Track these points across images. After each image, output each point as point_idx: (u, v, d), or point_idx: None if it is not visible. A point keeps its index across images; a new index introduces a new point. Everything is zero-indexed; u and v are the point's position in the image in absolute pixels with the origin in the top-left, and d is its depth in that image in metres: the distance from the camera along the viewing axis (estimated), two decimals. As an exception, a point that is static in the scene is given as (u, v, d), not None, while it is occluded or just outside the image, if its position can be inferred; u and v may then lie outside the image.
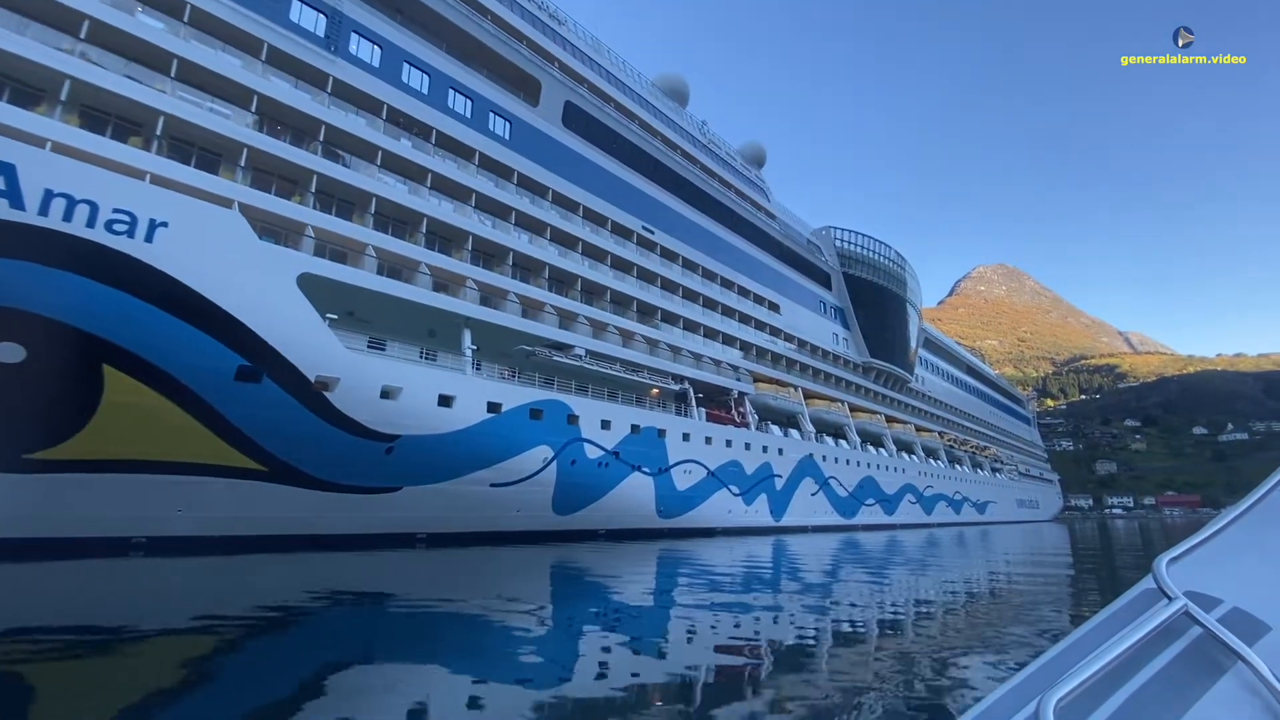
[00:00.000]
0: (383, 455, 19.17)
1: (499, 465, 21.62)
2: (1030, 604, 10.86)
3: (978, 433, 73.91)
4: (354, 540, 18.81)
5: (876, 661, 6.24)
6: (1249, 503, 1.29)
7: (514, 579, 13.50)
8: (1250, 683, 0.92)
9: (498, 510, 22.07)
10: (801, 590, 11.92)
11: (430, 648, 6.62)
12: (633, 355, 28.85)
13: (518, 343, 23.98)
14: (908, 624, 8.52)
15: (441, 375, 20.60)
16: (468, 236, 23.46)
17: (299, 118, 19.55)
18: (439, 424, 20.13)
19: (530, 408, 22.87)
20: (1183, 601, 1.03)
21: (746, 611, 9.08)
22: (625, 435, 26.43)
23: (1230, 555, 1.18)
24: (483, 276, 23.33)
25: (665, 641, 7.16)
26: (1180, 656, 0.99)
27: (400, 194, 21.50)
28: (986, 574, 15.96)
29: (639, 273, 31.35)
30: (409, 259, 21.30)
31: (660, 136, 35.25)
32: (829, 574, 15.17)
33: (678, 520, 28.56)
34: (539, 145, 27.19)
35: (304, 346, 17.30)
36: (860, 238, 53.97)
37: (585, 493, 24.57)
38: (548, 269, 26.30)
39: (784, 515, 35.57)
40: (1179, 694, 0.93)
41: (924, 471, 53.75)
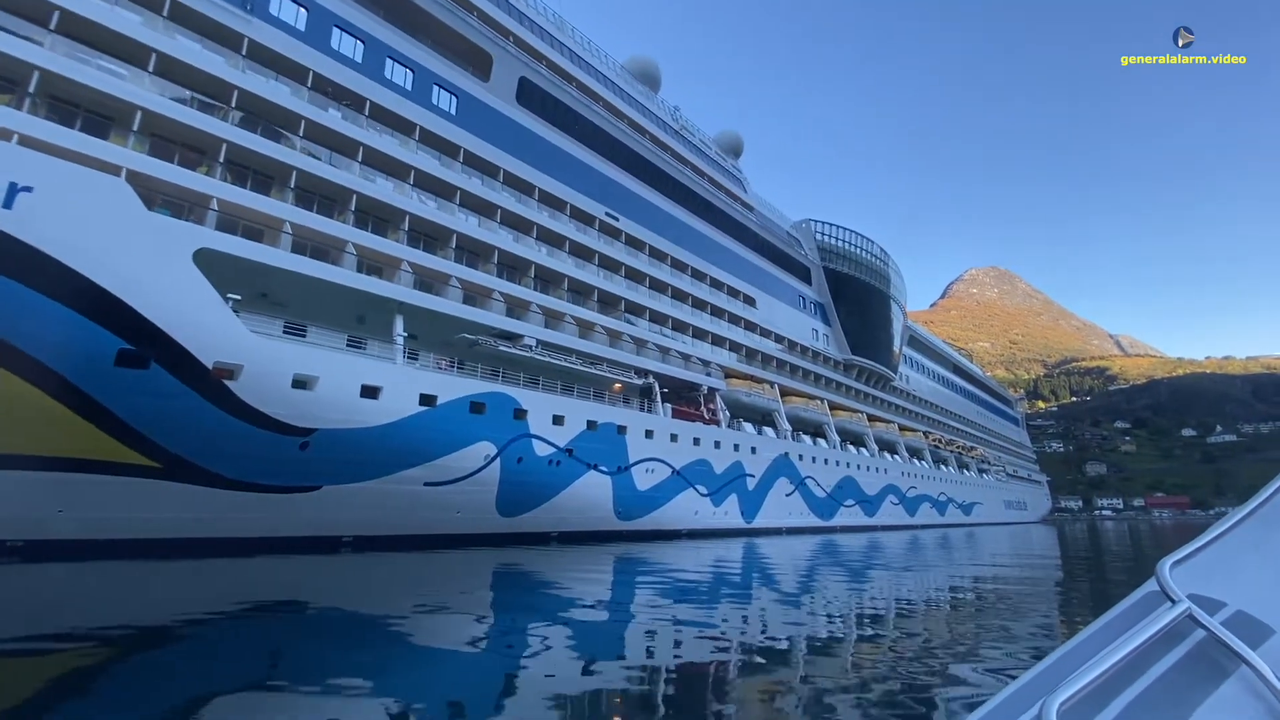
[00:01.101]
0: (297, 451, 17.47)
1: (433, 463, 19.95)
2: (1012, 612, 9.86)
3: (964, 433, 72.70)
4: (270, 544, 17.16)
5: (853, 682, 5.57)
6: (1253, 505, 1.26)
7: (444, 585, 12.54)
8: (1254, 686, 0.92)
9: (434, 511, 20.39)
10: (768, 597, 11.10)
11: (337, 665, 5.88)
12: (592, 347, 27.23)
13: (459, 331, 22.31)
14: (882, 638, 7.77)
15: (365, 364, 18.92)
16: (404, 216, 21.78)
17: (206, 81, 17.83)
18: (363, 417, 18.44)
19: (471, 400, 21.20)
20: (1186, 604, 1.02)
21: (704, 624, 8.35)
22: (580, 431, 24.80)
23: (1234, 558, 1.17)
24: (420, 259, 21.66)
25: (612, 653, 6.59)
26: (1184, 660, 0.98)
27: (325, 169, 19.80)
28: (965, 580, 14.92)
29: (601, 261, 29.75)
30: (334, 238, 19.62)
31: (627, 120, 33.66)
32: (800, 580, 14.26)
33: (639, 522, 26.94)
34: (490, 123, 25.55)
35: (200, 329, 15.59)
36: (842, 231, 52.56)
37: (534, 493, 22.92)
38: (497, 254, 24.65)
39: (756, 517, 34.02)
40: (1182, 697, 0.93)
41: (907, 472, 52.38)
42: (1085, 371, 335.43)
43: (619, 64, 36.67)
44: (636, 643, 7.13)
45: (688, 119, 39.98)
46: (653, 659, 6.43)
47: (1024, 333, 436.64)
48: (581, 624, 8.25)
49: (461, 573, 14.95)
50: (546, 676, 5.64)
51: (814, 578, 14.84)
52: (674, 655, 6.55)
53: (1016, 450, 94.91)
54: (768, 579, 14.44)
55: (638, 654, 6.66)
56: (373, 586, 12.14)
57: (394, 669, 5.71)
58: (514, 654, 6.49)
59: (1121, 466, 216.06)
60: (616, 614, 9.11)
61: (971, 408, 79.61)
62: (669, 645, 6.94)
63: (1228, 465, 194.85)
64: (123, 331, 14.51)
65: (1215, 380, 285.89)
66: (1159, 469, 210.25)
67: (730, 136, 46.13)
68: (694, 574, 14.90)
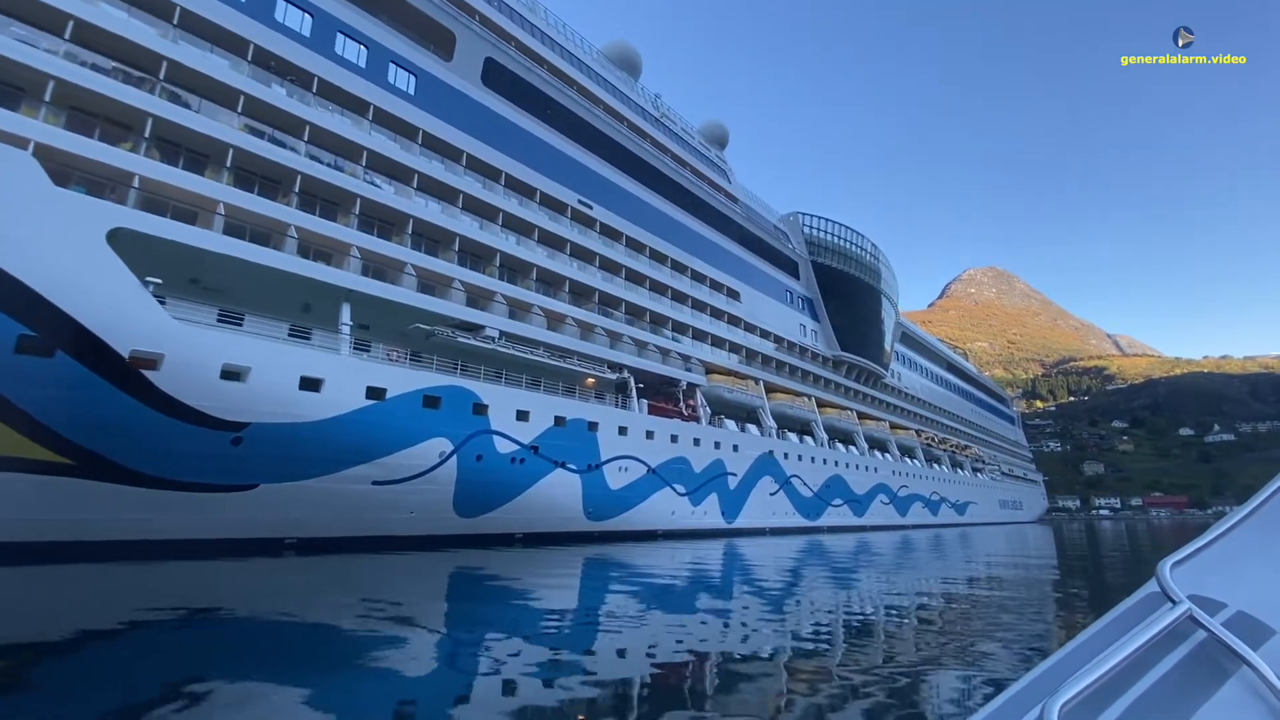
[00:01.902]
0: (229, 447, 16.29)
1: (382, 460, 18.76)
2: (1004, 618, 9.15)
3: (958, 431, 71.60)
4: (205, 546, 16.00)
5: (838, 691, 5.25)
6: (1253, 505, 1.25)
7: (391, 590, 11.67)
8: (1255, 686, 0.91)
9: (384, 511, 19.22)
10: (743, 602, 10.42)
11: (255, 685, 5.32)
12: (561, 340, 26.05)
13: (414, 321, 21.12)
14: (866, 646, 7.33)
15: (305, 354, 17.72)
16: (355, 200, 20.59)
17: (132, 50, 16.63)
18: (302, 411, 17.26)
19: (424, 394, 20.02)
20: (1187, 605, 1.02)
21: (675, 628, 7.83)
22: (547, 428, 23.62)
23: (1235, 559, 1.17)
24: (372, 245, 20.46)
25: (574, 667, 5.97)
26: (1184, 661, 0.98)
27: (267, 148, 18.61)
28: (957, 583, 14.14)
29: (574, 250, 28.57)
30: (275, 221, 18.43)
31: (603, 105, 32.48)
32: (779, 583, 13.48)
33: (611, 523, 25.77)
34: (452, 104, 24.36)
35: (114, 315, 14.39)
36: (831, 224, 51.38)
37: (495, 492, 21.74)
38: (459, 241, 23.46)
39: (738, 516, 32.86)
40: (1183, 698, 0.92)
41: (899, 471, 51.25)
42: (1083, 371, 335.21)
43: (596, 49, 35.50)
44: (602, 653, 6.59)
45: (669, 106, 38.80)
46: (619, 669, 5.96)
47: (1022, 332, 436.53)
48: (542, 632, 7.63)
49: (413, 576, 13.96)
50: (505, 694, 5.12)
51: (794, 581, 14.01)
52: (645, 665, 6.12)
53: (1012, 449, 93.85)
54: (744, 582, 13.65)
55: (603, 664, 6.17)
56: (311, 592, 11.27)
57: (325, 687, 5.16)
58: (465, 667, 5.95)
59: (1119, 466, 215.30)
60: (580, 620, 8.46)
61: (966, 406, 78.53)
62: (638, 654, 6.45)
63: (1225, 465, 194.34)
64: (22, 316, 13.32)
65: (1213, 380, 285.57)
66: (1157, 468, 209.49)
67: (715, 126, 44.92)
68: (666, 577, 14.06)
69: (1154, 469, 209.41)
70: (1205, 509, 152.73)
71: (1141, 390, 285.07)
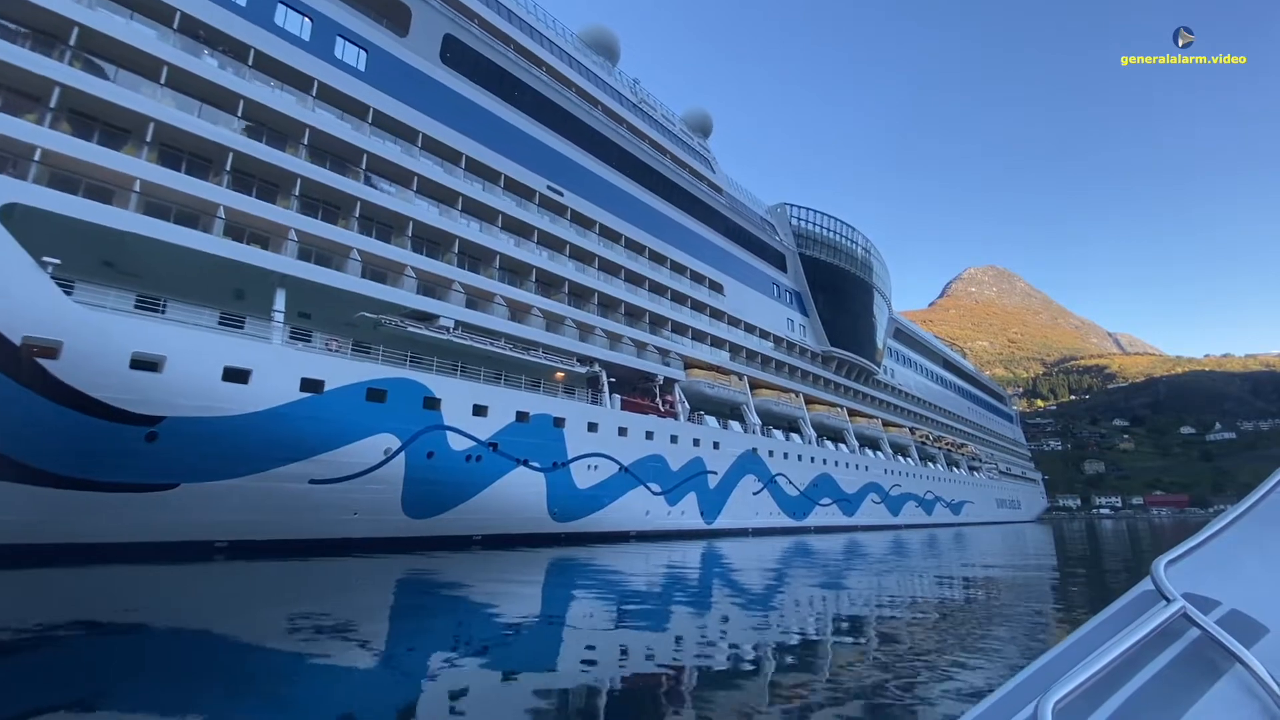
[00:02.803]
0: (143, 443, 15.02)
1: (319, 457, 17.49)
2: (995, 625, 8.46)
3: (954, 429, 70.24)
4: (126, 550, 14.75)
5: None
6: (1247, 504, 1.25)
7: (330, 597, 10.70)
8: (1248, 685, 0.91)
9: (325, 512, 17.94)
10: (719, 609, 9.65)
11: (167, 709, 4.73)
12: (525, 331, 24.76)
13: (360, 309, 19.83)
14: (851, 657, 6.62)
15: (229, 343, 16.43)
16: (295, 180, 19.30)
17: (37, 14, 15.36)
18: (227, 404, 15.98)
19: (368, 387, 18.74)
20: (1181, 603, 1.01)
21: (637, 635, 7.27)
22: (508, 424, 22.34)
23: (1229, 557, 1.17)
24: (312, 228, 19.17)
25: (529, 687, 5.38)
26: (1178, 659, 0.98)
27: (193, 123, 17.33)
28: (947, 586, 13.07)
29: (542, 238, 27.28)
30: (202, 201, 17.15)
31: (576, 89, 31.16)
32: (757, 587, 12.64)
33: (578, 524, 24.48)
34: (407, 82, 23.06)
35: (4, 298, 13.14)
36: (820, 217, 50.05)
37: (448, 491, 20.45)
38: (412, 225, 22.16)
39: (718, 517, 31.55)
40: (1177, 696, 0.92)
41: (891, 469, 49.90)
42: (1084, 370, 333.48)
43: (573, 34, 34.19)
44: (565, 671, 5.93)
45: (649, 92, 37.49)
46: (579, 694, 5.28)
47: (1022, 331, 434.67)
48: (493, 648, 6.90)
49: (354, 583, 12.92)
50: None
51: (774, 586, 12.92)
52: (607, 685, 5.50)
53: (1010, 447, 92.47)
54: (718, 588, 12.66)
55: (562, 682, 5.58)
56: (235, 602, 10.31)
57: (246, 710, 4.58)
58: (402, 692, 5.28)
59: (1120, 465, 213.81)
60: (536, 634, 7.73)
61: (962, 404, 77.17)
62: (601, 672, 5.85)
63: (1226, 463, 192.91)
64: (-108, 297, 12.08)
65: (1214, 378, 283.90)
66: (1157, 467, 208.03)
67: (698, 114, 43.57)
68: (634, 584, 13.06)
69: (1155, 468, 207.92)
70: (1206, 508, 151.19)
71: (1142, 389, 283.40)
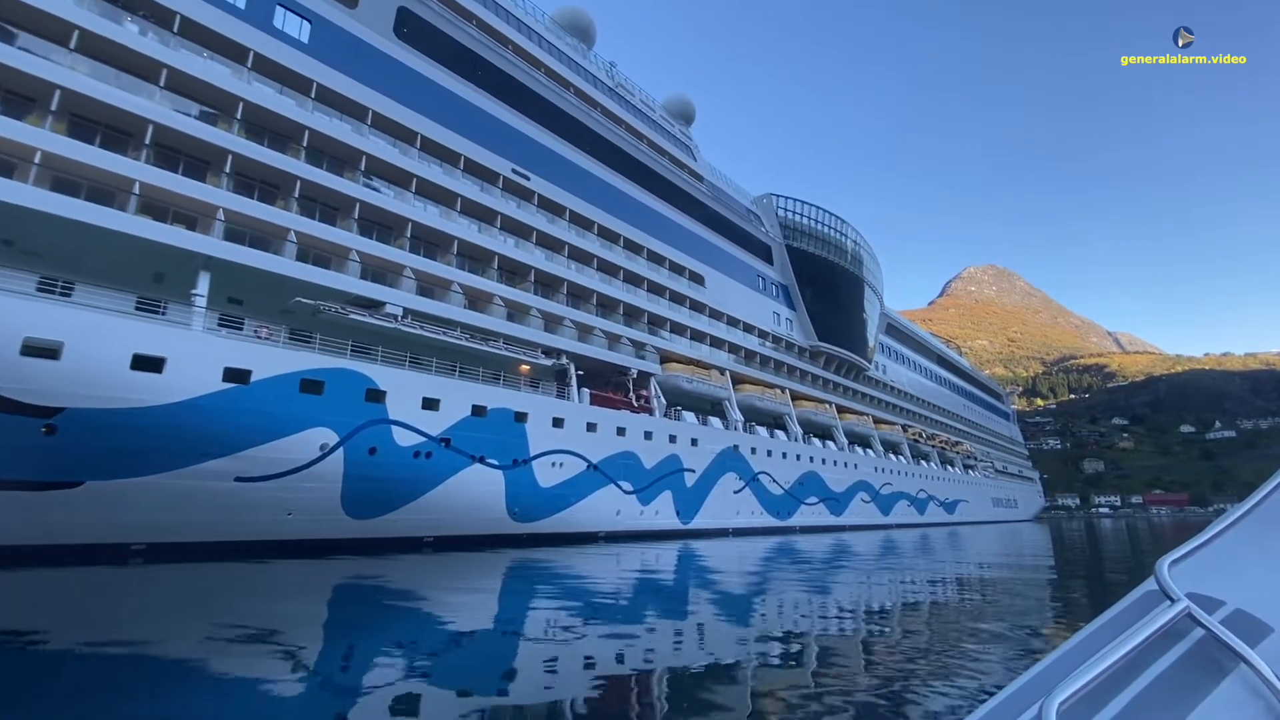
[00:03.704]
0: (40, 436, 13.74)
1: (246, 453, 16.20)
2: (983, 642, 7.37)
3: (948, 427, 68.91)
4: (24, 554, 13.53)
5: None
6: (1251, 504, 1.24)
7: (257, 605, 9.87)
8: (1253, 684, 0.91)
9: (256, 512, 16.66)
10: (686, 616, 9.00)
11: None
12: (485, 321, 23.46)
13: (296, 294, 18.54)
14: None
15: (140, 328, 15.13)
16: (226, 157, 18.01)
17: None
18: (138, 395, 14.70)
19: (302, 378, 17.44)
20: (1185, 603, 1.01)
21: (601, 657, 6.32)
22: (463, 418, 21.05)
23: (1232, 557, 1.16)
24: (243, 208, 17.87)
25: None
26: (1183, 659, 0.97)
27: (109, 92, 16.03)
28: (938, 586, 12.24)
29: (506, 224, 25.98)
30: (116, 176, 15.85)
31: (546, 69, 29.85)
32: (732, 591, 11.77)
33: (540, 524, 23.18)
34: (356, 56, 21.76)
35: None
36: (808, 208, 48.71)
37: (394, 490, 19.16)
38: (359, 208, 20.87)
39: (695, 517, 30.24)
40: (1181, 696, 0.92)
41: (881, 467, 48.59)
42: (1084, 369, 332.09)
43: (544, 13, 32.86)
44: (516, 694, 5.30)
45: (626, 76, 36.13)
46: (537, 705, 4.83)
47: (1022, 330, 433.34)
48: (440, 655, 6.43)
49: (285, 589, 12.03)
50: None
51: (754, 589, 11.94)
52: (566, 700, 5.01)
53: (1007, 446, 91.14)
54: (685, 591, 11.86)
55: (515, 698, 5.14)
56: (151, 609, 9.42)
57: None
58: (338, 704, 4.84)
59: (1119, 464, 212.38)
60: (482, 649, 7.01)
61: (958, 401, 75.85)
62: (562, 685, 5.33)
63: (1226, 462, 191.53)
64: None
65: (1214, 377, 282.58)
66: (1157, 466, 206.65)
67: (680, 101, 42.22)
68: (597, 588, 12.15)
69: (1154, 466, 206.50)
70: (1206, 507, 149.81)
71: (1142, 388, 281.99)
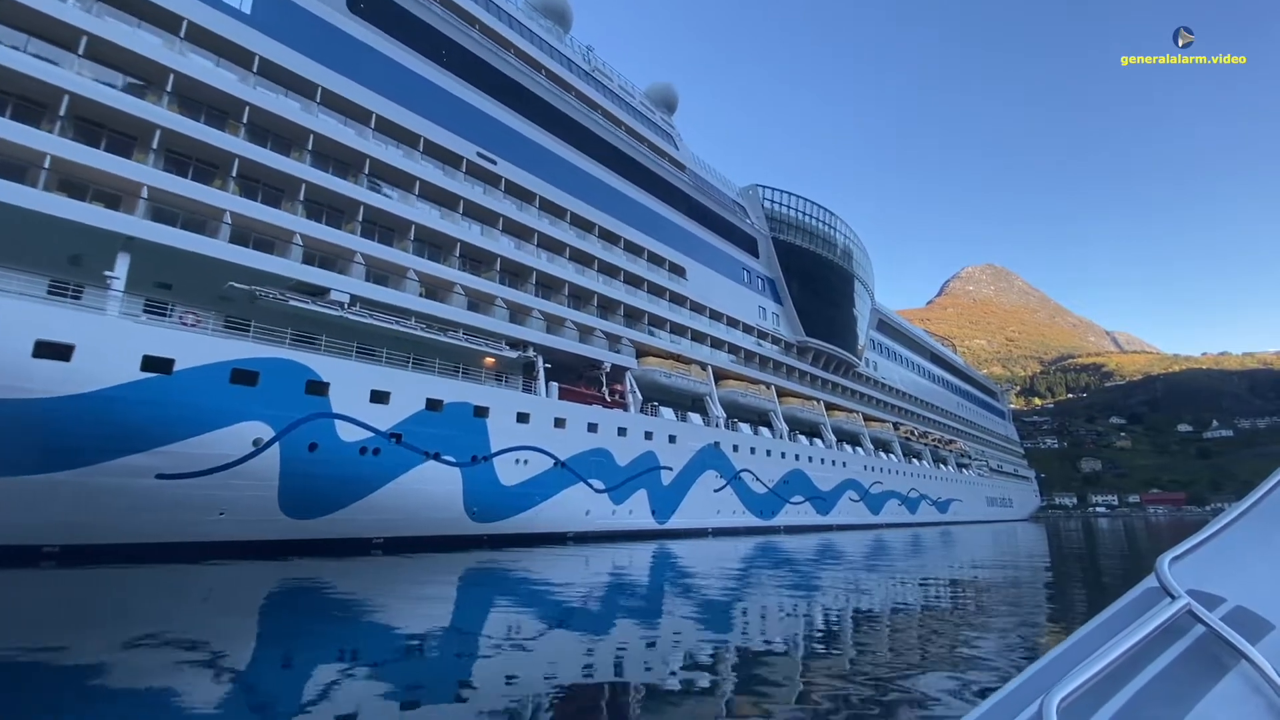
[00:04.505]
0: (-75, 429, 12.59)
1: (168, 448, 15.04)
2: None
3: (942, 425, 67.82)
4: None
5: None
6: (1252, 501, 1.24)
7: (182, 613, 8.99)
8: (1254, 681, 0.91)
9: (183, 512, 15.51)
10: (656, 624, 8.34)
11: None
12: (444, 310, 22.29)
13: (230, 279, 17.35)
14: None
15: (42, 312, 13.93)
16: (154, 131, 16.82)
17: None
18: (40, 385, 13.53)
19: (234, 368, 16.27)
20: (1185, 600, 1.01)
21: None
22: (415, 412, 19.90)
23: (1233, 554, 1.16)
24: (173, 186, 16.68)
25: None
26: (1183, 655, 0.97)
27: (18, 59, 14.85)
28: (925, 588, 11.15)
29: (470, 210, 24.80)
30: (25, 149, 14.65)
31: (516, 50, 28.67)
32: (701, 596, 10.74)
33: (502, 525, 22.02)
34: (305, 29, 20.56)
35: None
36: (795, 199, 47.55)
37: (337, 488, 17.99)
38: (304, 189, 19.67)
39: (672, 516, 29.10)
40: (1182, 693, 0.92)
41: (871, 465, 47.49)
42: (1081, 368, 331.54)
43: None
44: (462, 697, 4.95)
45: (604, 61, 34.95)
46: None
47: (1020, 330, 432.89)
48: (385, 666, 5.97)
49: (218, 593, 11.15)
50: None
51: (729, 595, 10.97)
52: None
53: (1002, 444, 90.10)
54: (658, 595, 10.96)
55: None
56: (59, 616, 8.54)
57: None
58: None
59: (1117, 463, 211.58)
60: (433, 651, 6.61)
61: (951, 399, 74.76)
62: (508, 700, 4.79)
63: (1224, 461, 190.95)
64: None
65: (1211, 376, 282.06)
66: (1155, 465, 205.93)
67: (662, 89, 40.97)
68: (557, 592, 11.25)
69: (1152, 465, 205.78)
70: (1203, 505, 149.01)
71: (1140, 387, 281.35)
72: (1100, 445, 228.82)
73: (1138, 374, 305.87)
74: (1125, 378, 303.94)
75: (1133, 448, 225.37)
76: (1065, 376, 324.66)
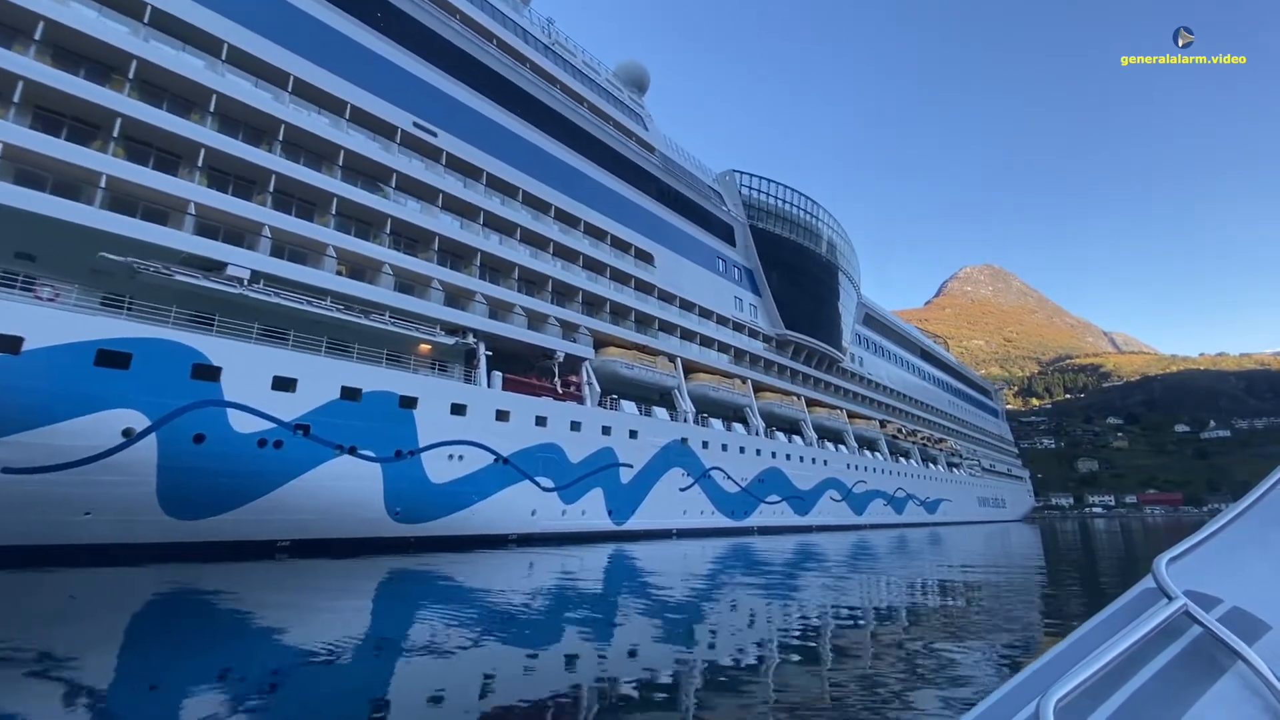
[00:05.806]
0: None
1: (13, 438, 13.18)
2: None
3: (931, 423, 66.02)
4: None
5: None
6: (1249, 502, 1.24)
7: (38, 624, 8.00)
8: (1250, 682, 0.91)
9: (39, 511, 13.64)
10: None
11: None
12: (367, 291, 20.41)
13: (104, 249, 15.45)
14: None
15: None
16: (16, 84, 14.92)
17: None
18: None
19: (99, 348, 14.38)
20: (1183, 601, 1.01)
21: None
22: (328, 401, 18.03)
23: (1230, 555, 1.16)
24: (36, 145, 14.77)
25: None
26: (1180, 656, 0.97)
27: None
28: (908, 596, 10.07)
29: (403, 184, 22.92)
30: None
31: (461, 15, 26.76)
32: (658, 602, 9.87)
33: (431, 526, 20.14)
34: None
35: None
36: (776, 187, 45.67)
37: (230, 485, 16.11)
38: (203, 154, 17.77)
39: (632, 517, 27.23)
40: (1179, 693, 0.92)
41: (855, 464, 45.64)
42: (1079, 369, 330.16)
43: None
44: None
45: (566, 35, 33.03)
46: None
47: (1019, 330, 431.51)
48: (276, 688, 5.08)
49: (82, 601, 9.77)
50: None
51: (695, 601, 9.97)
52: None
53: (995, 444, 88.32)
54: (603, 605, 9.68)
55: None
56: None
57: None
58: None
59: (1114, 463, 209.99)
60: (330, 670, 5.59)
61: (942, 397, 72.98)
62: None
63: (1221, 461, 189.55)
64: None
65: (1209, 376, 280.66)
66: (1152, 465, 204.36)
67: (632, 67, 39.00)
68: (483, 599, 10.07)
69: (1149, 466, 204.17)
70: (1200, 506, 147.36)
71: (1137, 387, 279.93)
72: (1097, 445, 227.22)
73: (1135, 374, 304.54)
74: (1123, 378, 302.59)
75: (1130, 448, 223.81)
76: (1063, 377, 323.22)
